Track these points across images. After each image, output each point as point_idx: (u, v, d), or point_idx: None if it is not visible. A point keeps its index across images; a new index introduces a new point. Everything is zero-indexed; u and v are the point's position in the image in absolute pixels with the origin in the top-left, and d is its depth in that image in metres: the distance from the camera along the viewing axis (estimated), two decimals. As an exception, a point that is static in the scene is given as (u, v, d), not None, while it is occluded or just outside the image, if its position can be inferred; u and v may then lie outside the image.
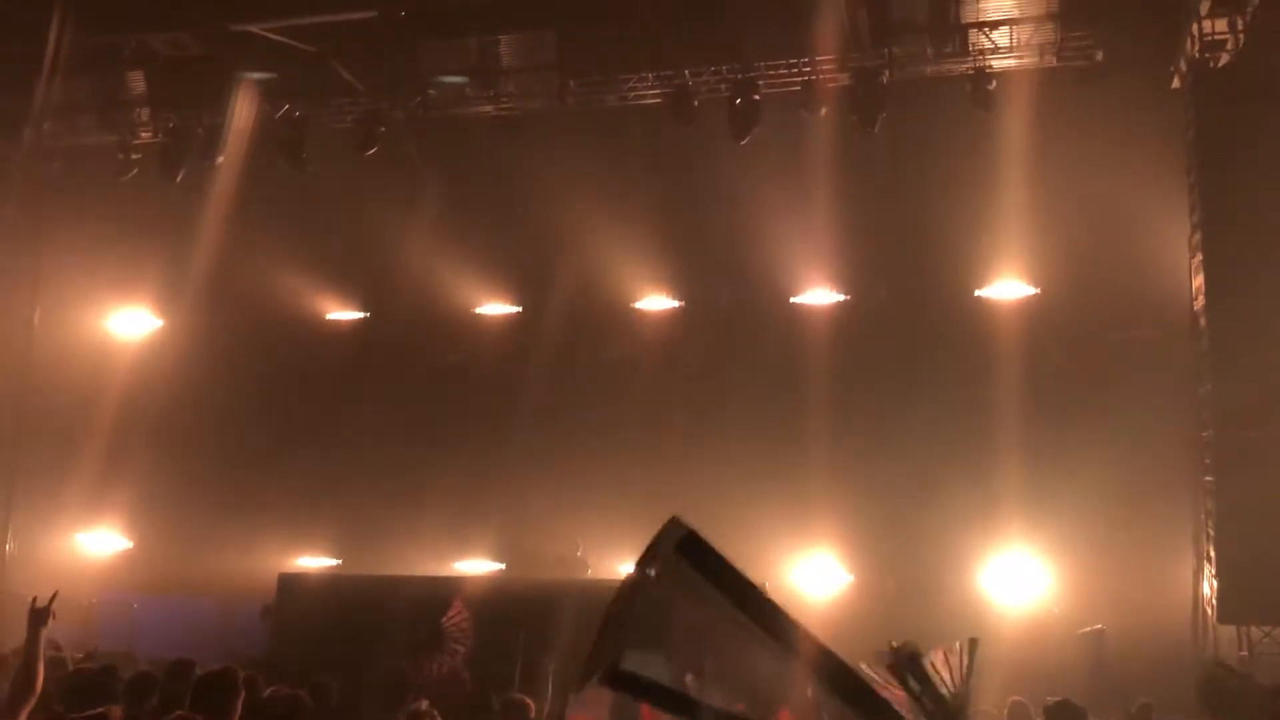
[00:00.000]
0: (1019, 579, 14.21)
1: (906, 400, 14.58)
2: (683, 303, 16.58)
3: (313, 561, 16.93)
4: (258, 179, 16.35)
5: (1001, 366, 14.01)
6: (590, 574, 14.91)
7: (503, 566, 16.22)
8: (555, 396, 16.39)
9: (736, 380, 15.50)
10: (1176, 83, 13.73)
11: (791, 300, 15.97)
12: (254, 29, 14.83)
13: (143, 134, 16.69)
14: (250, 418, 17.33)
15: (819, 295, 15.93)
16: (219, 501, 16.70)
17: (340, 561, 16.97)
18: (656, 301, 16.75)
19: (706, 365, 15.86)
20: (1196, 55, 13.15)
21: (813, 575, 14.91)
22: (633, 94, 15.24)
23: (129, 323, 18.61)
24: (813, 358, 14.92)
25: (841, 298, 15.83)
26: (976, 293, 15.22)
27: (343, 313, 18.10)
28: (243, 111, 16.04)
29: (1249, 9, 12.72)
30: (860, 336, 15.24)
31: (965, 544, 14.34)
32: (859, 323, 15.45)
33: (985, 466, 13.77)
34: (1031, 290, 15.00)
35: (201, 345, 17.79)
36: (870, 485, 14.55)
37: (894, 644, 3.58)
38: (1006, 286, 15.14)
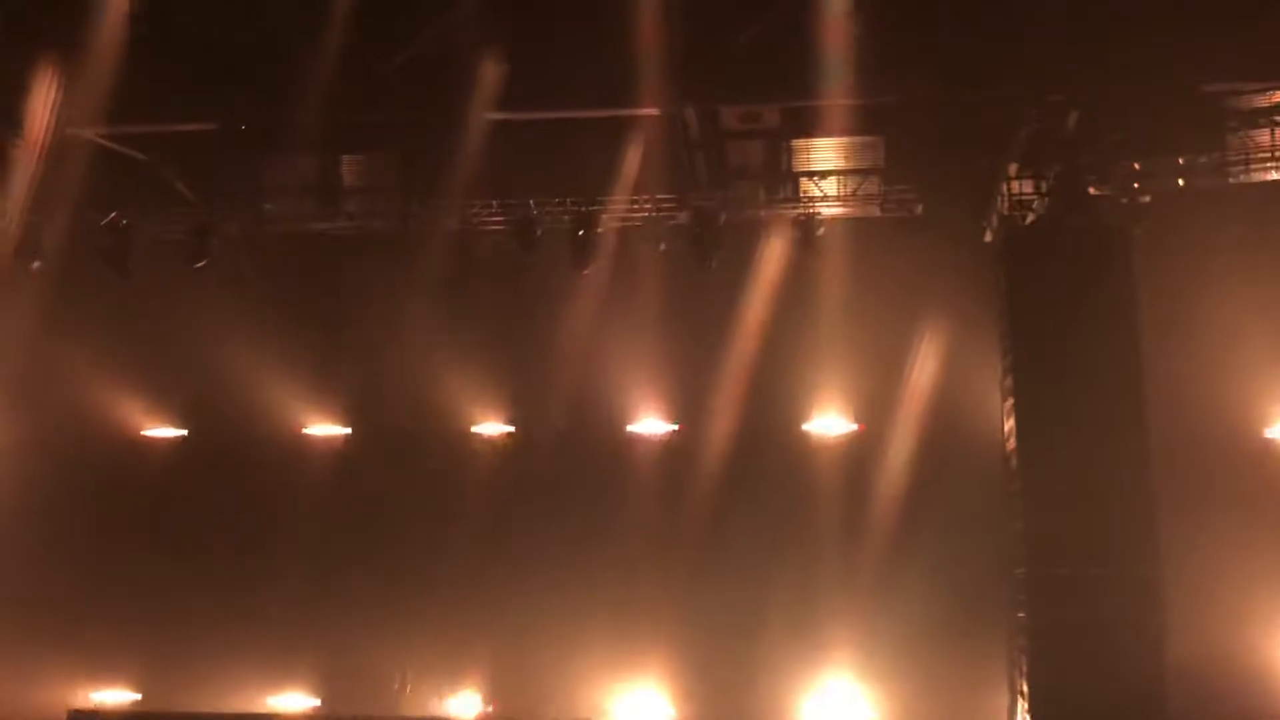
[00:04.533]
0: (841, 709, 14.42)
1: (731, 531, 14.86)
2: (515, 428, 16.52)
3: (114, 695, 15.87)
4: (80, 286, 15.68)
5: (825, 500, 14.49)
6: (413, 708, 14.47)
7: (319, 701, 15.58)
8: (382, 521, 16.05)
9: (564, 508, 15.53)
10: (989, 236, 14.69)
11: (625, 429, 16.14)
12: (86, 133, 14.40)
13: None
14: (53, 535, 16.25)
15: (650, 424, 16.17)
16: (10, 625, 15.51)
17: (141, 696, 15.95)
18: (489, 426, 16.64)
19: (535, 492, 15.77)
20: (1007, 212, 14.15)
21: (635, 709, 14.79)
22: (476, 219, 15.32)
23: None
24: (641, 486, 15.13)
25: (672, 427, 16.09)
26: (802, 427, 15.69)
27: (161, 429, 17.33)
28: (66, 216, 15.43)
29: (1051, 174, 13.80)
30: (689, 466, 15.47)
31: (789, 675, 14.55)
32: (687, 453, 15.68)
33: (809, 599, 14.12)
34: (853, 426, 15.57)
35: (6, 458, 16.69)
36: (695, 617, 14.65)
37: None
38: (830, 422, 15.69)
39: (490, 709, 15.07)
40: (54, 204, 15.13)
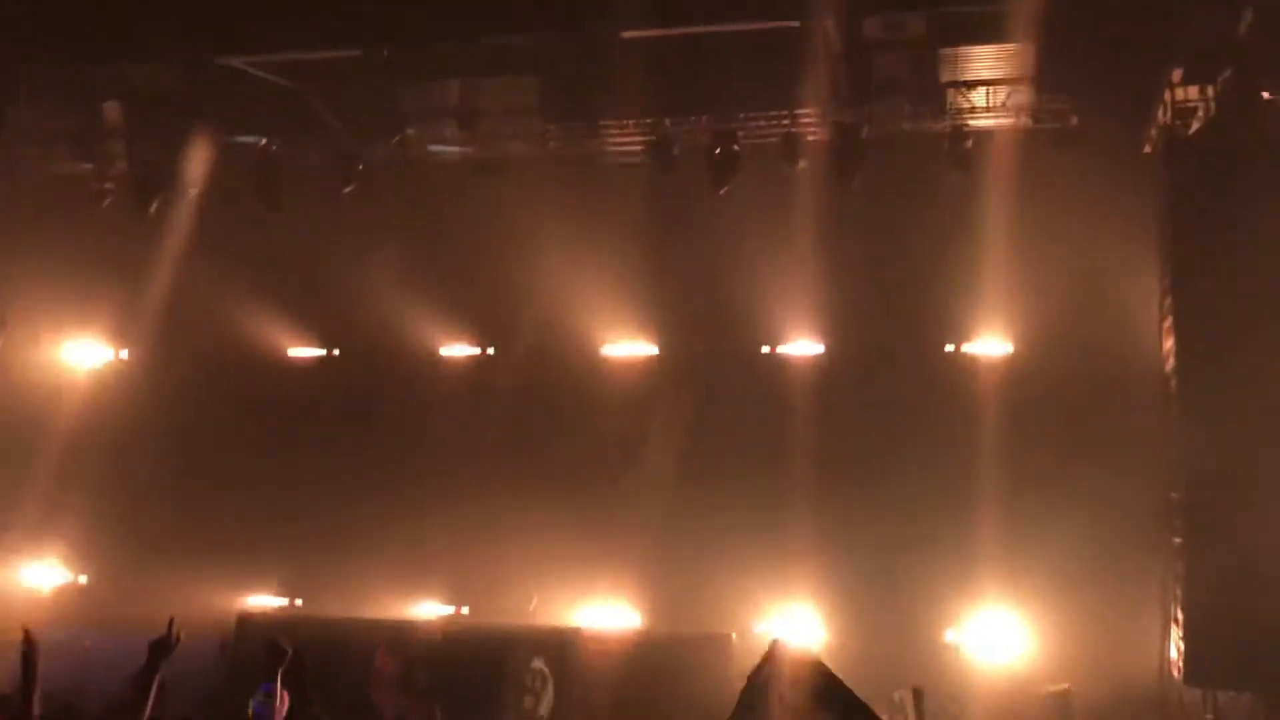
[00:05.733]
0: (994, 636, 14.20)
1: (884, 453, 14.64)
2: (658, 350, 16.52)
3: (269, 600, 16.65)
4: (226, 212, 16.23)
5: (976, 422, 14.12)
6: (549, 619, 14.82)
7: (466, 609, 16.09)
8: (520, 440, 16.31)
9: (711, 430, 15.46)
10: (1149, 148, 13.97)
11: (768, 350, 15.98)
12: (233, 63, 14.77)
13: (117, 164, 16.50)
14: (207, 452, 17.04)
15: (797, 346, 15.94)
16: (172, 536, 16.38)
17: (299, 601, 16.69)
18: (628, 348, 16.68)
19: (679, 413, 15.77)
20: (1169, 121, 13.41)
21: (789, 628, 14.82)
22: (613, 140, 15.28)
23: (86, 352, 18.29)
24: (790, 409, 14.95)
25: (819, 349, 15.85)
26: (950, 348, 15.31)
27: (304, 349, 17.88)
28: (216, 144, 15.94)
29: (1220, 78, 13.00)
30: (837, 389, 15.24)
31: (942, 600, 14.37)
32: (836, 375, 15.46)
33: (961, 522, 13.84)
34: (1007, 347, 15.10)
35: (160, 377, 17.53)
36: (848, 538, 14.51)
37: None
38: (982, 343, 15.24)
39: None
40: (207, 132, 15.65)
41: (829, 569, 14.59)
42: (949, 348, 15.33)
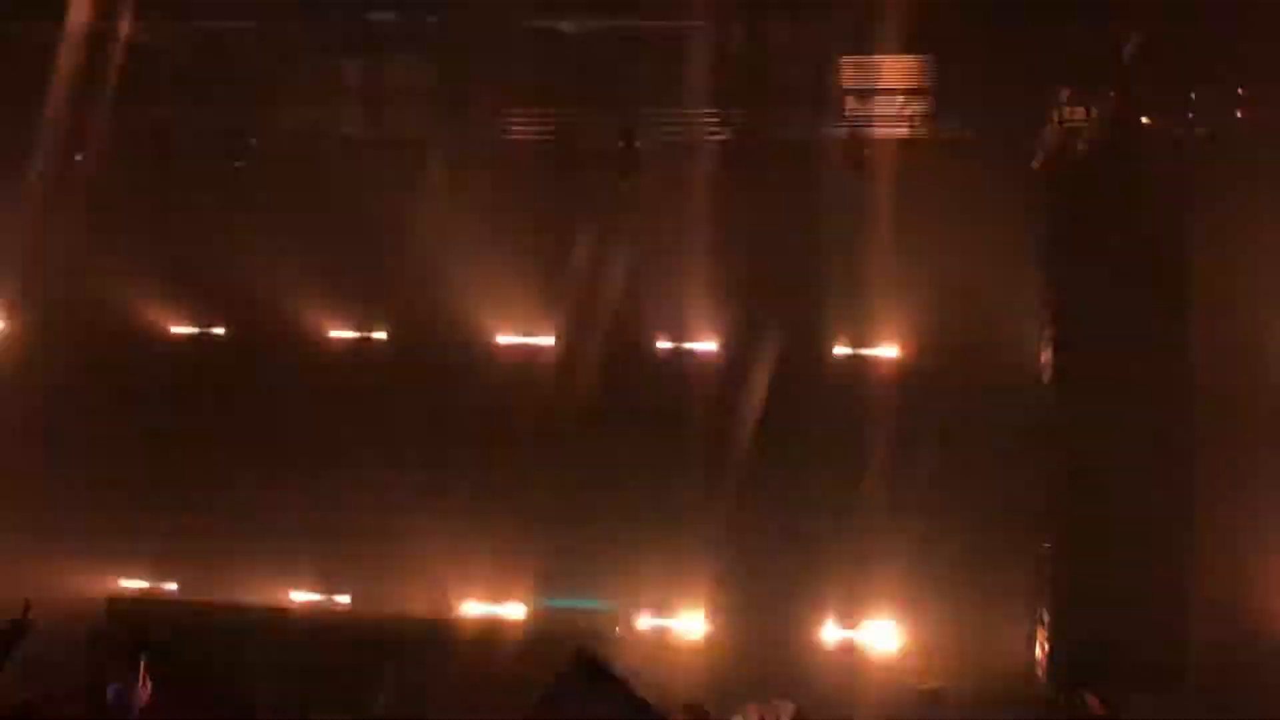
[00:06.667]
0: (873, 635, 14.51)
1: (772, 452, 14.83)
2: (553, 341, 16.47)
3: (140, 584, 16.21)
4: (112, 181, 15.69)
5: (863, 424, 14.44)
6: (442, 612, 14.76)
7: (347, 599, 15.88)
8: (406, 428, 16.08)
9: (604, 423, 15.44)
10: (1037, 164, 14.36)
11: (666, 345, 16.07)
12: (127, 27, 14.32)
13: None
14: (80, 428, 16.39)
15: (694, 343, 16.03)
16: (42, 514, 15.76)
17: (172, 585, 16.26)
18: (524, 337, 16.60)
19: (573, 406, 15.74)
20: (1056, 139, 13.80)
21: (677, 621, 14.97)
22: (513, 128, 15.18)
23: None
24: (685, 405, 15.09)
25: (714, 347, 15.98)
26: (841, 350, 15.56)
27: (187, 327, 17.39)
28: (107, 110, 15.42)
29: (1106, 99, 13.42)
30: (730, 387, 15.36)
31: (822, 598, 14.61)
32: (729, 373, 15.56)
33: (844, 523, 14.16)
34: (895, 352, 15.42)
35: (33, 349, 16.80)
36: (732, 535, 14.70)
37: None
38: (872, 347, 15.51)
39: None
40: (95, 98, 15.11)
41: (712, 565, 14.77)
42: (840, 350, 15.58)
